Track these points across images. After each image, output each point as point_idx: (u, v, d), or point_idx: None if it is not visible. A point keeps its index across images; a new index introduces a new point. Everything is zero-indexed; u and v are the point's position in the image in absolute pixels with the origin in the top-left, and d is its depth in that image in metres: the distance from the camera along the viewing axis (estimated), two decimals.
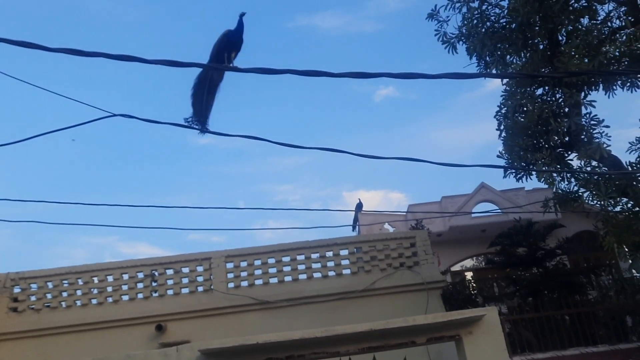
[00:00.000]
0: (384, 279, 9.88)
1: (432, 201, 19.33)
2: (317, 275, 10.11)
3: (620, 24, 9.75)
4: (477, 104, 49.37)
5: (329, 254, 10.21)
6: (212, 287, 9.82)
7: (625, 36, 9.58)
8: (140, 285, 9.88)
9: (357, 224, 19.58)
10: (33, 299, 9.76)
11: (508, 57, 10.41)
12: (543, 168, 9.68)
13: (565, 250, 13.54)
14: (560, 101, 10.01)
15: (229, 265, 10.06)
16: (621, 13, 9.75)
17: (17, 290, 9.77)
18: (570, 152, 10.07)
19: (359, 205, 20.20)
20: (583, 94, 9.80)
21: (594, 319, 11.17)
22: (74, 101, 6.30)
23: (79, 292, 9.81)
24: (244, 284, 9.93)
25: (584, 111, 9.61)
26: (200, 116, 7.87)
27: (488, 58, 10.28)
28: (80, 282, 9.88)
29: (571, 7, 9.59)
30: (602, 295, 12.11)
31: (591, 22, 9.80)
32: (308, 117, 55.63)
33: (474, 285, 14.74)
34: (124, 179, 53.83)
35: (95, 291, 9.83)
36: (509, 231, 13.40)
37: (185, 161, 57.89)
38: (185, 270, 10.01)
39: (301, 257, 10.20)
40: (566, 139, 9.83)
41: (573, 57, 9.18)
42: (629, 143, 10.18)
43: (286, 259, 10.16)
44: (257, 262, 10.10)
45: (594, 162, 9.62)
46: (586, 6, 9.62)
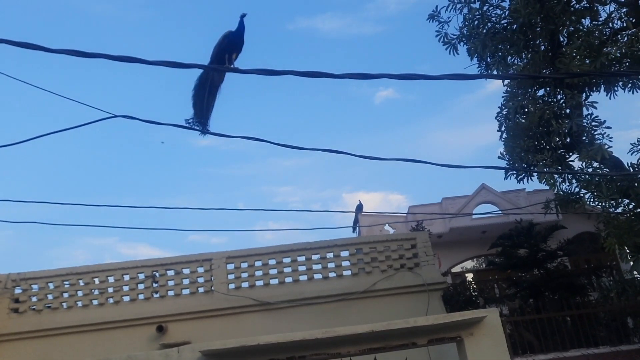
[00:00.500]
0: (384, 280, 9.87)
1: (432, 202, 19.33)
2: (317, 276, 10.09)
3: (622, 25, 9.74)
4: (478, 105, 49.38)
5: (330, 255, 10.21)
6: (212, 288, 9.81)
7: (626, 37, 9.57)
8: (141, 286, 9.88)
9: (358, 225, 19.58)
10: (34, 299, 9.76)
11: (509, 58, 10.41)
12: (544, 169, 9.66)
13: (567, 252, 13.53)
14: (561, 102, 10.00)
15: (230, 267, 10.05)
16: (622, 14, 9.75)
17: (18, 291, 9.77)
18: (571, 154, 10.06)
19: (359, 207, 20.20)
20: (584, 95, 9.79)
21: (595, 320, 11.16)
22: (75, 102, 6.29)
23: (80, 293, 9.80)
24: (244, 285, 9.93)
25: (585, 112, 9.60)
26: (201, 117, 7.87)
27: (489, 59, 10.28)
28: (82, 283, 9.87)
29: (572, 8, 9.59)
30: (603, 297, 12.10)
31: (592, 23, 9.80)
32: (308, 118, 55.69)
33: (475, 286, 14.74)
34: (124, 179, 53.87)
35: (97, 292, 9.82)
36: (509, 232, 13.39)
37: (186, 162, 57.94)
38: (186, 271, 10.00)
39: (302, 259, 10.19)
40: (567, 140, 9.82)
41: (574, 58, 9.17)
42: (630, 144, 10.18)
43: (287, 260, 10.15)
44: (258, 263, 10.10)
45: (596, 164, 9.60)
46: (587, 7, 9.63)
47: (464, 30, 10.33)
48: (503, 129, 10.54)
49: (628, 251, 9.57)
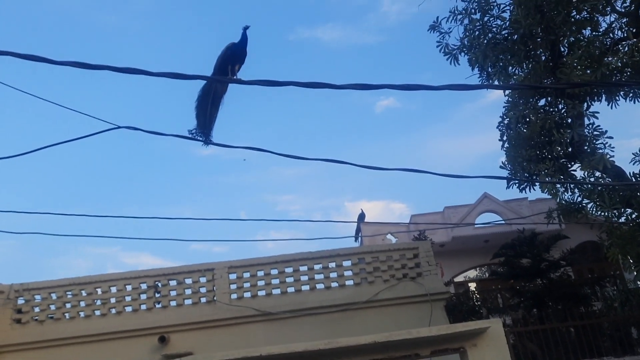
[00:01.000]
0: (387, 290, 9.85)
1: (434, 211, 19.31)
2: (320, 286, 10.07)
3: (622, 35, 9.80)
4: (479, 114, 49.46)
5: (332, 265, 10.20)
6: (215, 298, 9.80)
7: (627, 47, 9.63)
8: (143, 297, 9.87)
9: (360, 234, 19.56)
10: (37, 310, 9.76)
11: (510, 68, 10.46)
12: (546, 179, 9.67)
13: (570, 262, 13.47)
14: (563, 112, 10.02)
15: (232, 276, 10.04)
16: (623, 24, 9.81)
17: (21, 301, 9.77)
18: (573, 163, 10.06)
19: (362, 216, 20.20)
20: (586, 104, 9.81)
21: (599, 330, 11.09)
22: (79, 113, 6.34)
23: (82, 304, 9.80)
24: (246, 295, 9.91)
25: (586, 122, 9.63)
26: (204, 128, 7.92)
27: (490, 69, 10.33)
28: (84, 293, 9.87)
29: (573, 19, 9.65)
30: (607, 307, 12.04)
31: (593, 34, 9.86)
32: (309, 128, 55.78)
33: (478, 296, 14.68)
34: (127, 189, 53.94)
35: (99, 302, 9.81)
36: (512, 242, 13.34)
37: (188, 172, 58.00)
38: (188, 281, 10.00)
39: (304, 268, 10.17)
40: (569, 149, 9.83)
41: (575, 68, 9.22)
42: (632, 154, 10.19)
43: (289, 269, 10.14)
44: (260, 273, 10.09)
45: (598, 173, 9.61)
46: (588, 18, 9.68)
47: (465, 40, 10.39)
48: (505, 138, 10.56)
49: (631, 261, 9.55)
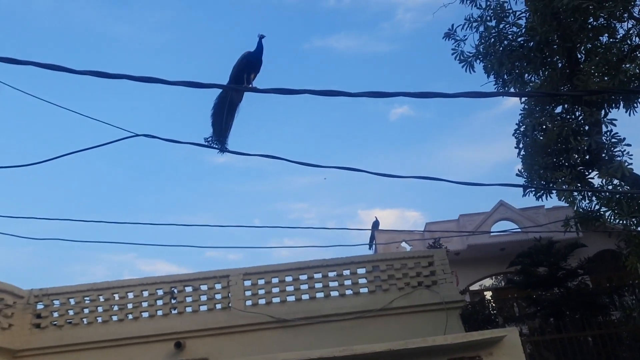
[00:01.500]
0: (401, 298, 9.81)
1: (449, 219, 19.21)
2: (334, 293, 10.06)
3: None
4: (495, 122, 49.15)
5: (347, 272, 10.19)
6: (230, 304, 9.84)
7: None
8: (159, 303, 9.94)
9: (374, 242, 19.51)
10: (55, 315, 9.88)
11: (526, 75, 10.43)
12: (563, 187, 9.59)
13: (587, 270, 13.30)
14: (580, 119, 9.96)
15: (247, 283, 10.08)
16: None
17: (40, 306, 9.89)
18: (591, 171, 9.98)
19: (376, 224, 20.15)
20: (603, 112, 9.74)
21: (618, 340, 10.92)
22: (98, 122, 6.44)
23: (100, 309, 9.90)
24: (261, 301, 9.93)
25: (604, 129, 9.55)
26: (219, 136, 8.00)
27: (506, 76, 10.30)
28: (102, 298, 9.97)
29: (590, 26, 9.59)
30: (625, 316, 11.86)
31: (610, 40, 9.79)
32: (324, 135, 55.88)
33: (494, 305, 14.55)
34: (144, 196, 54.46)
35: (116, 308, 9.91)
36: (529, 250, 13.22)
37: (204, 179, 58.43)
38: (203, 287, 10.05)
39: (318, 276, 10.18)
40: (587, 157, 9.76)
41: (593, 75, 9.17)
42: None
43: (303, 277, 10.15)
44: (275, 280, 10.11)
45: (616, 181, 9.51)
46: (605, 24, 9.62)
47: (480, 48, 10.38)
48: (521, 146, 10.51)
49: None
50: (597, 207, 10.10)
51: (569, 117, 10.29)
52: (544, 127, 10.09)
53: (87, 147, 5.75)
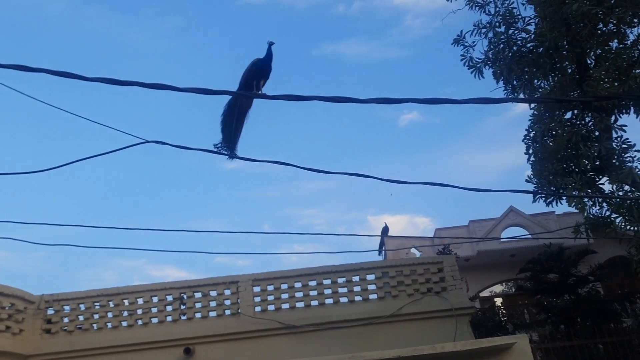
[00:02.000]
0: (411, 304, 9.79)
1: (459, 225, 19.14)
2: (343, 300, 10.06)
3: None
4: (504, 127, 48.99)
5: (356, 278, 10.17)
6: (239, 310, 9.86)
7: None
8: (169, 308, 9.98)
9: (384, 248, 19.47)
10: (66, 320, 9.94)
11: (535, 81, 10.41)
12: (573, 193, 9.54)
13: (598, 277, 13.19)
14: (590, 125, 9.92)
15: (256, 289, 10.09)
16: None
17: (50, 312, 9.96)
18: (601, 177, 9.92)
19: (385, 230, 20.12)
20: (613, 117, 9.70)
21: (629, 348, 10.80)
22: (108, 128, 6.50)
23: (109, 315, 9.95)
24: (270, 307, 9.95)
25: (614, 135, 9.50)
26: (229, 142, 8.06)
27: (515, 82, 10.29)
28: (111, 304, 10.03)
29: (599, 31, 9.57)
30: (637, 324, 11.73)
31: (620, 46, 9.75)
32: (333, 141, 55.95)
33: (504, 311, 14.44)
34: (153, 202, 54.73)
35: (126, 313, 9.96)
36: (539, 257, 13.13)
37: (213, 185, 58.65)
38: (213, 293, 10.08)
39: (327, 282, 10.17)
40: (597, 163, 9.71)
41: (602, 81, 9.12)
42: None
43: (312, 283, 10.15)
44: (284, 286, 10.12)
45: (626, 187, 9.45)
46: (615, 30, 9.59)
47: (490, 53, 10.39)
48: (530, 151, 10.48)
49: None
50: (608, 213, 10.04)
51: (578, 122, 10.25)
52: (554, 133, 10.05)
53: (97, 154, 5.79)
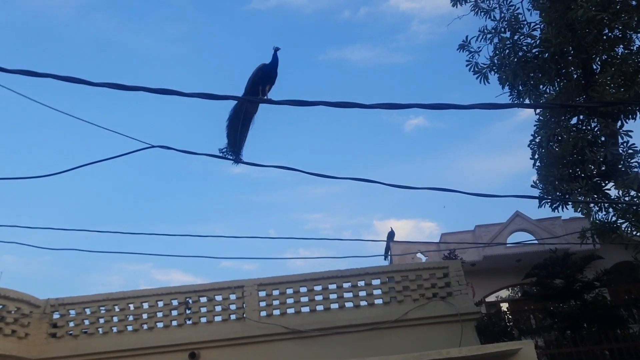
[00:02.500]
0: (416, 309, 9.76)
1: (465, 230, 19.10)
2: (349, 304, 10.04)
3: None
4: (509, 133, 48.89)
5: (361, 283, 10.16)
6: (244, 315, 9.86)
7: None
8: (174, 313, 10.00)
9: (389, 253, 19.44)
10: (71, 325, 9.97)
11: (541, 86, 10.39)
12: (579, 198, 9.51)
13: (605, 283, 13.12)
14: (595, 130, 9.90)
15: (262, 294, 10.09)
16: None
17: (56, 316, 9.99)
18: (607, 182, 9.89)
19: (391, 234, 20.09)
20: (619, 123, 9.67)
21: (636, 354, 10.74)
22: (114, 133, 6.53)
23: (115, 319, 9.97)
24: (276, 312, 9.94)
25: (620, 140, 9.48)
26: (234, 147, 8.08)
27: (521, 88, 10.28)
28: (117, 308, 10.05)
29: (605, 37, 9.57)
30: None
31: (626, 51, 9.74)
32: (339, 146, 55.99)
33: (510, 317, 14.38)
34: (159, 207, 54.87)
35: (131, 318, 9.97)
36: (545, 262, 13.08)
37: (219, 190, 58.78)
38: (218, 298, 10.09)
39: (333, 287, 10.16)
40: (603, 168, 9.68)
41: (608, 86, 9.11)
42: None
43: (318, 288, 10.14)
44: (289, 291, 10.12)
45: (633, 192, 9.41)
46: (620, 36, 9.58)
47: (495, 59, 10.39)
48: (536, 157, 10.46)
49: None
50: (614, 218, 9.99)
51: (584, 128, 10.23)
52: (560, 138, 10.03)
53: (103, 159, 5.83)
